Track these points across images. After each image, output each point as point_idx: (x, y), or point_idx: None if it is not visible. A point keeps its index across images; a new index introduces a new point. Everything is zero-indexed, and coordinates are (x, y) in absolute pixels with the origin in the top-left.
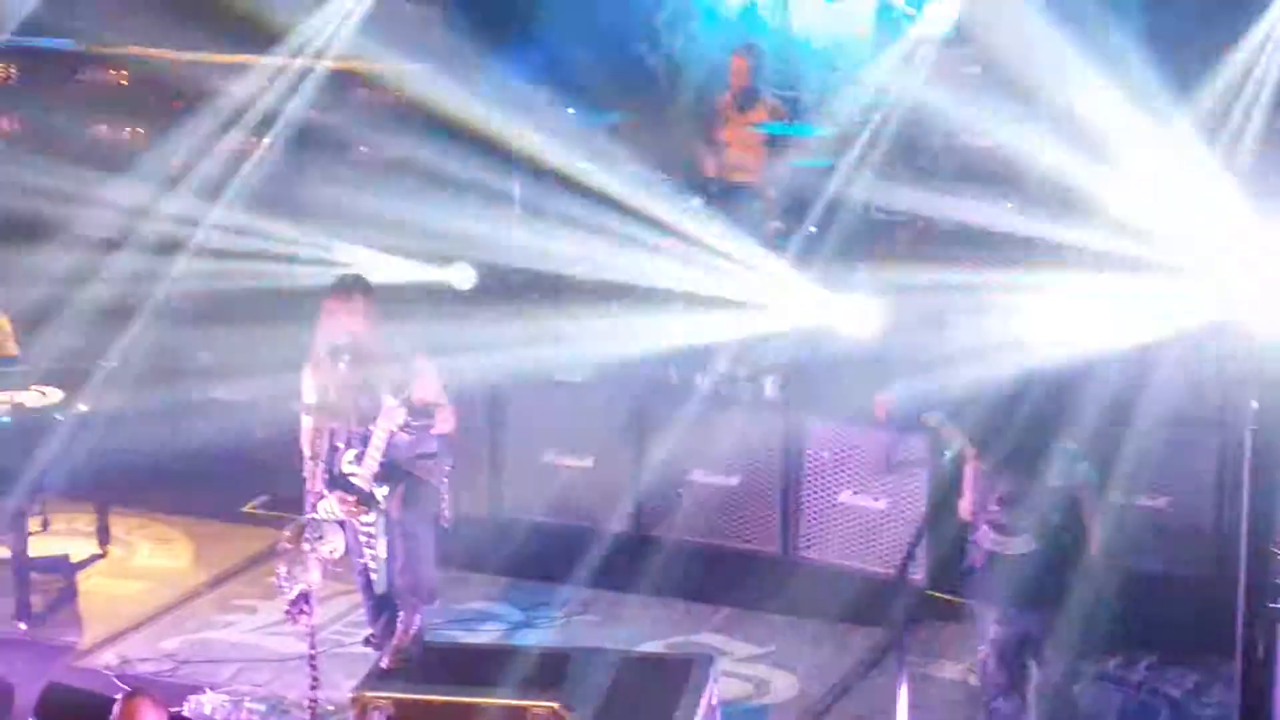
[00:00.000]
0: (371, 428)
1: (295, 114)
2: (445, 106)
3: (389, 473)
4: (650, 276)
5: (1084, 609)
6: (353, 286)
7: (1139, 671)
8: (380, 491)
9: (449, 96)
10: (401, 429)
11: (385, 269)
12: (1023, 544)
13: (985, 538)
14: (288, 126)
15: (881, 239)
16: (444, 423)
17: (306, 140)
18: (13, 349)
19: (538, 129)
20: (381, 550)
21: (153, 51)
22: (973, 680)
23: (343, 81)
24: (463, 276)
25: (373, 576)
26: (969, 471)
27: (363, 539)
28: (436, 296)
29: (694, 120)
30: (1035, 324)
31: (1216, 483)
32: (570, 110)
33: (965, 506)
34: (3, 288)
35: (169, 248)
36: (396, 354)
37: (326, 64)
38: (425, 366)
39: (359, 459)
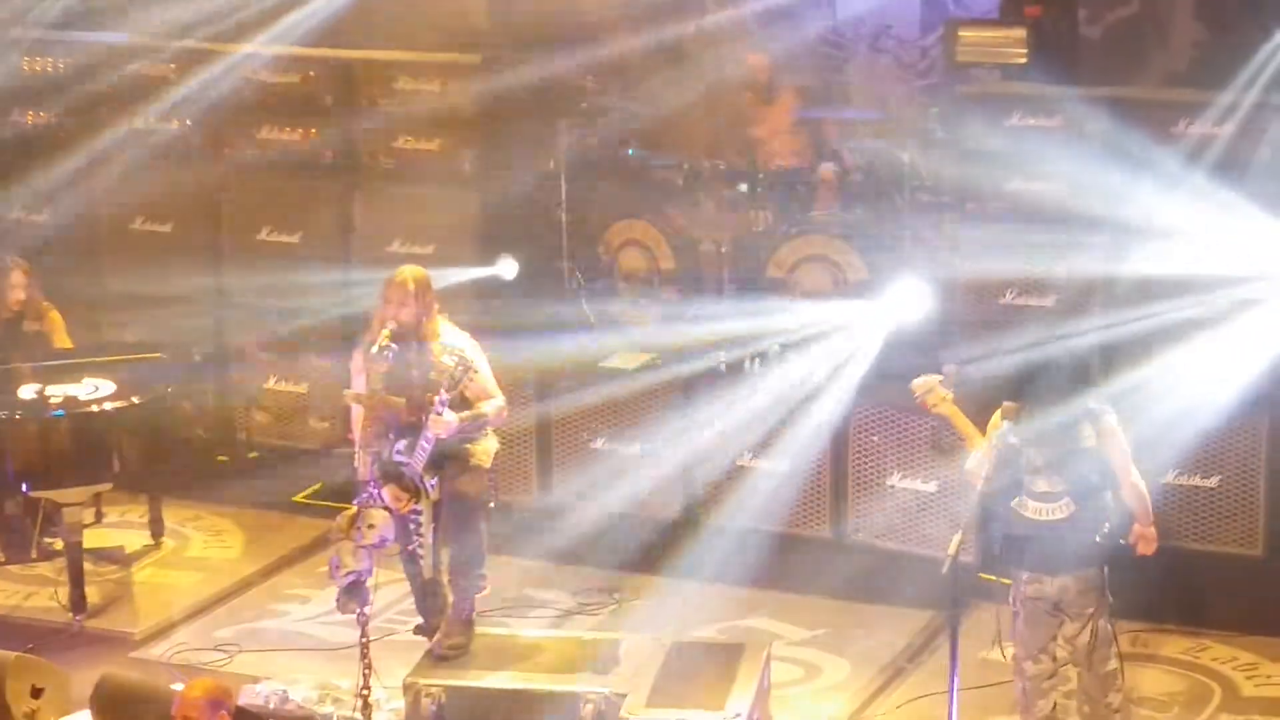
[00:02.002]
0: (423, 417)
1: None
2: None
3: (438, 459)
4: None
5: (1123, 568)
6: (406, 276)
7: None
8: (429, 479)
9: None
10: (450, 431)
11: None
12: (1063, 508)
13: (1024, 507)
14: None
15: (929, 220)
16: (496, 416)
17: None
18: (66, 341)
19: None
20: (429, 538)
21: (207, 45)
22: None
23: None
24: (508, 269)
25: (421, 564)
26: (988, 444)
27: (411, 527)
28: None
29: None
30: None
31: (1267, 464)
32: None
33: (978, 471)
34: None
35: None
36: (449, 345)
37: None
38: (478, 358)
39: (410, 448)
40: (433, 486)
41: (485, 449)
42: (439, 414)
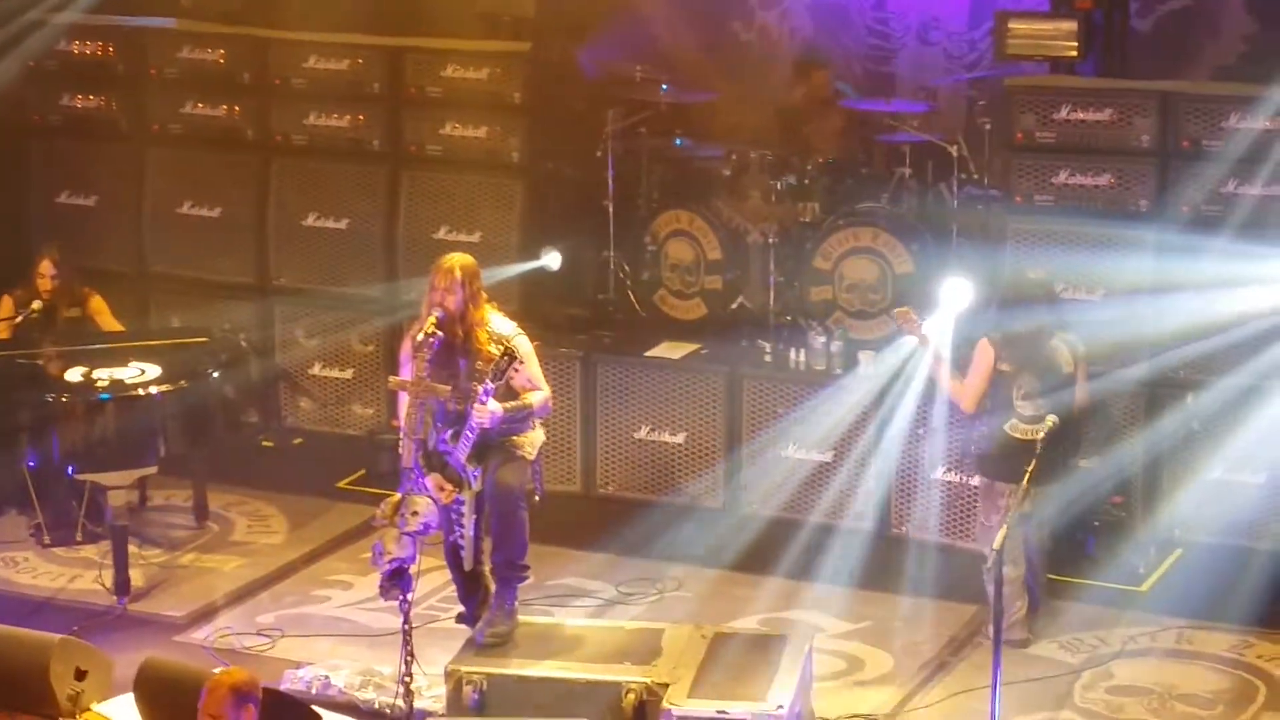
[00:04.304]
0: (469, 406)
1: None
2: None
3: (482, 449)
4: None
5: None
6: (454, 264)
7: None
8: (473, 469)
9: None
10: (493, 421)
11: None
12: (1045, 428)
13: (1015, 429)
14: None
15: (974, 215)
16: (541, 407)
17: None
18: (114, 324)
19: None
20: (470, 528)
21: (253, 30)
22: (1067, 656)
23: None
24: (553, 260)
25: (463, 554)
26: (981, 370)
27: (454, 517)
28: None
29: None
30: None
31: None
32: (677, 141)
33: (972, 400)
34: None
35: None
36: (496, 334)
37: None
38: (525, 348)
39: (454, 437)
40: (475, 476)
41: (530, 440)
42: (482, 403)
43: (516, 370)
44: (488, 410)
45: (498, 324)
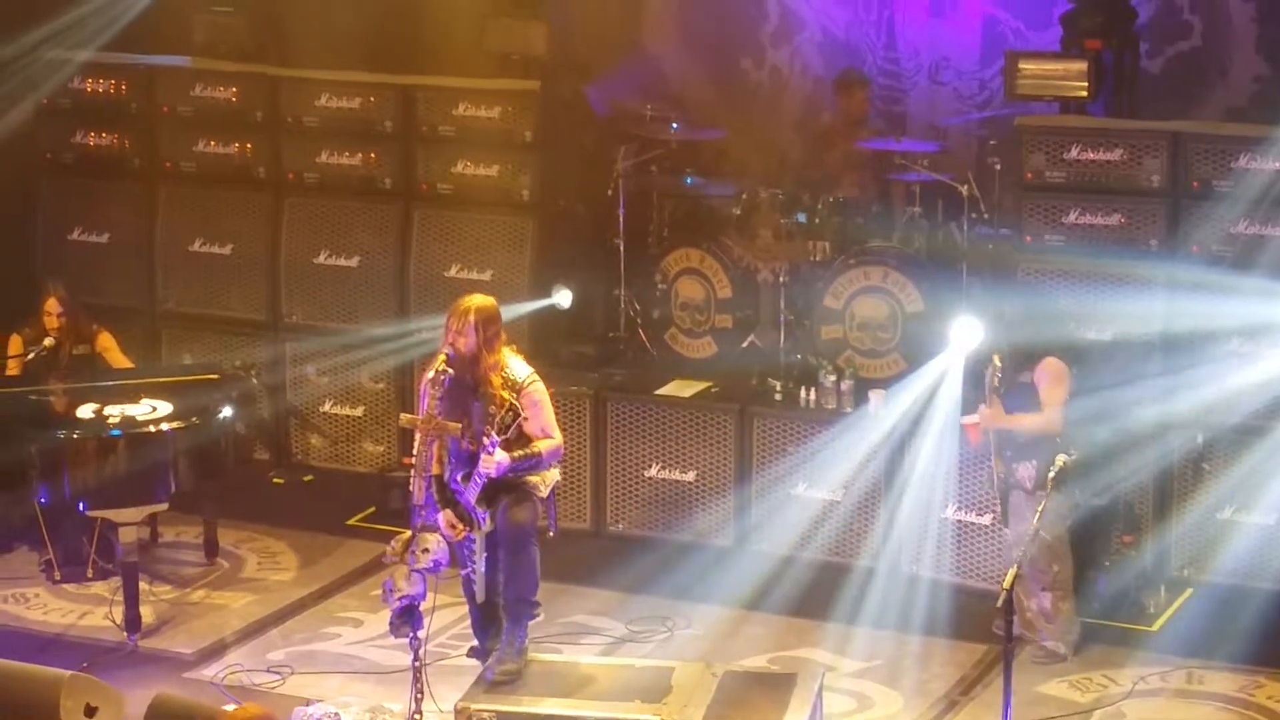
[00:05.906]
0: (481, 449)
1: None
2: None
3: (493, 486)
4: None
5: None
6: (468, 306)
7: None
8: (482, 511)
9: None
10: (500, 470)
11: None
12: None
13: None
14: None
15: (984, 254)
16: (551, 455)
17: None
18: (123, 360)
19: None
20: (481, 565)
21: (265, 69)
22: (1078, 695)
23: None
24: (564, 299)
25: (474, 588)
26: (1065, 383)
27: (466, 552)
28: None
29: (797, 137)
30: None
31: None
32: (688, 180)
33: (1061, 413)
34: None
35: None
36: (511, 379)
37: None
38: (538, 394)
39: (466, 478)
40: (485, 519)
41: (544, 479)
42: (489, 453)
43: (526, 419)
44: (494, 460)
45: (514, 368)
